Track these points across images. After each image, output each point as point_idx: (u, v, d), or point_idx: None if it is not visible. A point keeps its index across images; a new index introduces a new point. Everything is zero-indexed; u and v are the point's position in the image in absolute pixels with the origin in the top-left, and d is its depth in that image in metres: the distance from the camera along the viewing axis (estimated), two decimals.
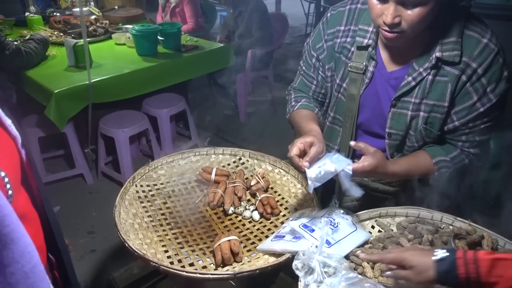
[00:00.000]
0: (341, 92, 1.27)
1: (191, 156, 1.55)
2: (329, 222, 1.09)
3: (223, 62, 3.10)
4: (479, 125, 1.11)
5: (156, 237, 1.19)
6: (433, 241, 1.01)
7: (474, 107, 1.09)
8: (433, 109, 1.13)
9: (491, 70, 1.05)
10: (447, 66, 1.08)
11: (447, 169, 1.15)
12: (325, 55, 1.28)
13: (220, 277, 0.99)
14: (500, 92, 1.07)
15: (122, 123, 2.67)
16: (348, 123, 1.27)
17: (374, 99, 1.21)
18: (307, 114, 1.31)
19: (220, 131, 3.49)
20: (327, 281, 0.83)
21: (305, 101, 1.36)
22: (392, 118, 1.19)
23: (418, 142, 1.19)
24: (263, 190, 1.37)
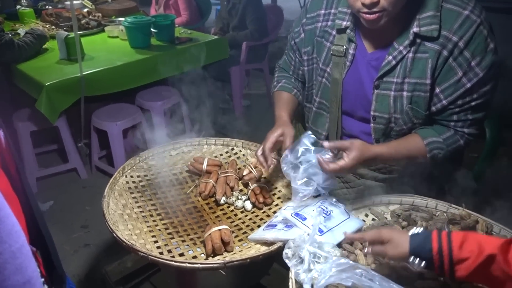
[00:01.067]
0: (325, 77, 1.25)
1: (183, 147, 1.52)
2: (322, 210, 1.07)
3: (217, 54, 3.07)
4: (469, 102, 1.07)
5: (146, 227, 1.16)
6: (427, 228, 0.99)
7: (460, 83, 1.05)
8: (416, 88, 1.10)
9: (474, 43, 1.01)
10: (427, 42, 1.05)
11: (440, 150, 1.11)
12: (301, 39, 1.29)
13: (210, 267, 0.97)
14: (487, 65, 1.02)
15: (115, 116, 2.64)
16: (334, 108, 1.25)
17: (357, 82, 1.19)
18: (283, 97, 1.36)
19: (215, 124, 3.46)
20: (318, 267, 0.81)
21: (285, 82, 1.39)
22: (376, 100, 1.15)
23: (407, 124, 1.15)
24: (255, 179, 1.35)
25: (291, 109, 1.31)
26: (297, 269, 0.87)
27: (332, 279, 0.75)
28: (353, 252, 0.95)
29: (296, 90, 1.38)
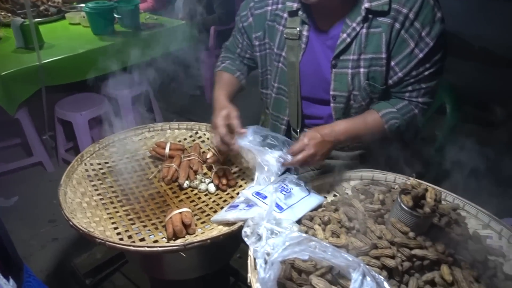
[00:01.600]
0: (281, 61, 1.23)
1: (145, 132, 1.49)
2: (282, 188, 1.07)
3: (185, 40, 3.00)
4: (422, 72, 1.09)
5: (106, 214, 1.14)
6: (384, 200, 1.01)
7: (413, 54, 1.07)
8: (372, 63, 1.11)
9: (422, 13, 1.03)
10: (379, 16, 1.06)
11: (396, 120, 1.13)
12: (250, 24, 1.27)
13: (169, 249, 0.95)
14: (435, 34, 1.05)
15: (80, 106, 2.55)
16: (293, 92, 1.24)
17: (314, 64, 1.18)
18: (224, 78, 1.34)
19: (186, 112, 3.41)
20: (270, 241, 0.81)
21: (229, 64, 1.37)
22: (334, 79, 1.16)
23: (365, 100, 1.17)
24: (219, 162, 1.33)
25: (231, 90, 1.29)
26: (255, 247, 0.86)
27: (286, 252, 0.75)
28: (311, 227, 0.96)
29: (240, 73, 1.36)
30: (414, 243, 0.83)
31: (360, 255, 0.85)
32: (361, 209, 0.98)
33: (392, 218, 0.89)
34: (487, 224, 1.02)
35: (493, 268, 0.89)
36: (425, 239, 0.85)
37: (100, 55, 2.51)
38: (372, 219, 0.94)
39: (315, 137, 1.06)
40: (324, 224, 0.96)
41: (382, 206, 0.98)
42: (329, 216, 0.96)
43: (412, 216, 0.84)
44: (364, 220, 0.93)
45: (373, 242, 0.85)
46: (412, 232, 0.85)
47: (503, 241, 0.98)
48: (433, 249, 0.84)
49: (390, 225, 0.89)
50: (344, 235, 0.91)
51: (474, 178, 1.38)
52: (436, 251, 0.83)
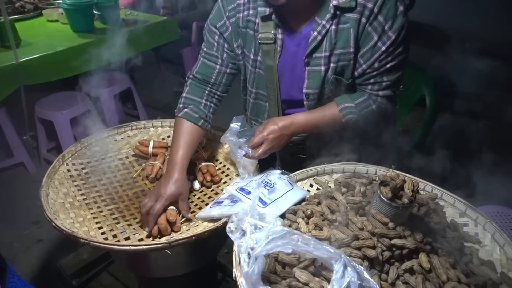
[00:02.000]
0: (258, 66, 1.23)
1: (128, 131, 1.48)
2: (266, 183, 1.08)
3: (167, 36, 2.97)
4: (384, 65, 1.12)
5: (89, 214, 1.13)
6: (365, 192, 1.04)
7: (376, 47, 1.10)
8: (340, 58, 1.14)
9: (386, 7, 1.06)
10: (347, 12, 1.09)
11: (353, 115, 1.16)
12: (230, 33, 1.21)
13: (154, 247, 0.96)
14: (397, 27, 1.07)
15: (61, 105, 2.51)
16: (272, 95, 1.24)
17: (290, 65, 1.19)
18: (185, 130, 1.21)
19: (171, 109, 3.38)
20: (253, 236, 0.82)
21: (191, 109, 1.23)
22: (308, 77, 1.18)
23: (332, 93, 1.20)
24: (204, 159, 1.34)
25: (190, 149, 1.19)
26: (240, 242, 0.88)
27: (269, 246, 0.77)
28: (295, 221, 0.97)
29: (203, 120, 1.23)
30: (394, 233, 0.85)
31: (342, 246, 0.87)
32: (343, 201, 1.00)
33: (373, 210, 0.91)
34: (463, 212, 1.05)
35: (469, 254, 0.92)
36: (404, 229, 0.88)
37: (80, 52, 2.46)
38: (354, 211, 0.97)
39: (274, 131, 1.12)
40: (307, 218, 0.98)
41: (363, 198, 1.00)
42: (312, 209, 0.98)
43: (391, 207, 0.86)
44: (346, 212, 0.96)
45: (354, 233, 0.87)
46: (391, 222, 0.88)
47: (479, 228, 1.02)
48: (412, 239, 0.86)
49: (371, 216, 0.91)
50: (326, 227, 0.93)
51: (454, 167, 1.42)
52: (415, 240, 0.86)
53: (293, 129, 1.15)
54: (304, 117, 1.16)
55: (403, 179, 0.86)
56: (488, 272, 0.87)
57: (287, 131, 1.13)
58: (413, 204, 0.87)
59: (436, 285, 0.81)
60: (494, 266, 0.91)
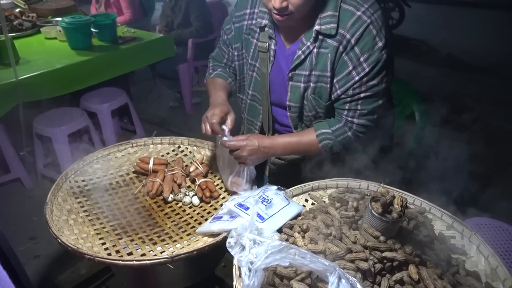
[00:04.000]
0: (255, 71, 1.35)
1: (128, 148, 1.52)
2: (263, 199, 1.13)
3: (163, 52, 3.04)
4: (358, 93, 1.19)
5: (93, 230, 1.17)
6: (357, 207, 1.09)
7: (350, 76, 1.17)
8: (319, 80, 1.22)
9: (363, 41, 1.13)
10: (328, 38, 1.17)
11: (329, 141, 1.24)
12: (232, 36, 1.37)
13: (157, 262, 1.00)
14: (373, 61, 1.14)
15: (59, 121, 2.54)
16: (264, 100, 1.36)
17: (279, 75, 1.30)
18: (219, 82, 1.42)
19: (166, 124, 3.44)
20: (253, 251, 0.87)
21: (221, 71, 1.46)
22: (290, 91, 1.28)
23: (311, 112, 1.29)
24: (202, 175, 1.39)
25: (227, 93, 1.39)
26: (240, 256, 0.92)
27: (268, 260, 0.81)
28: (292, 235, 1.02)
29: (231, 80, 1.47)
30: (385, 246, 0.91)
31: (337, 259, 0.92)
32: (337, 216, 1.05)
33: (365, 224, 0.96)
34: (450, 225, 1.11)
35: (455, 266, 0.98)
36: (395, 242, 0.94)
37: (78, 70, 2.52)
38: (347, 225, 1.02)
39: (253, 145, 1.20)
40: (303, 232, 1.03)
41: (356, 213, 1.06)
42: (307, 224, 1.03)
43: (381, 221, 0.92)
44: (340, 226, 1.01)
45: (348, 247, 0.93)
46: (382, 236, 0.93)
47: (465, 240, 1.07)
48: (402, 251, 0.92)
49: (363, 230, 0.96)
50: (322, 241, 0.98)
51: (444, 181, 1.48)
52: (405, 252, 0.91)
53: (273, 150, 1.24)
54: (283, 141, 1.25)
55: (393, 195, 0.92)
56: (473, 283, 0.93)
57: (266, 149, 1.22)
58: (402, 219, 0.93)
59: None
60: (479, 277, 0.97)
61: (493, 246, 1.02)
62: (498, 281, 0.95)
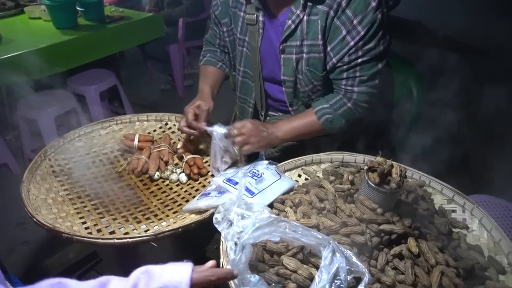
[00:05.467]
0: (245, 46, 1.28)
1: (113, 125, 1.45)
2: (253, 173, 1.07)
3: (153, 32, 2.93)
4: (355, 59, 1.11)
5: (73, 209, 1.10)
6: (353, 180, 1.03)
7: (345, 41, 1.09)
8: (311, 49, 1.14)
9: (355, 2, 1.05)
10: (317, 4, 1.09)
11: (329, 115, 1.17)
12: (220, 11, 1.30)
13: (140, 240, 0.93)
14: (367, 22, 1.06)
15: (44, 103, 2.45)
16: (256, 76, 1.29)
17: (270, 48, 1.22)
18: (207, 71, 1.39)
19: (158, 107, 3.35)
20: (240, 223, 0.81)
21: (210, 56, 1.42)
22: (283, 64, 1.21)
23: (308, 86, 1.21)
24: (190, 152, 1.32)
25: (214, 81, 1.35)
26: (227, 232, 0.86)
27: (256, 233, 0.75)
28: (283, 210, 0.96)
29: (222, 63, 1.41)
30: (382, 219, 0.85)
31: (331, 234, 0.86)
32: (331, 190, 0.99)
33: (361, 196, 0.90)
34: (451, 199, 1.06)
35: (457, 239, 0.93)
36: (393, 214, 0.88)
37: (63, 50, 2.41)
38: (342, 199, 0.96)
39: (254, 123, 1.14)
40: (295, 206, 0.97)
41: (351, 186, 1.00)
42: (300, 198, 0.97)
43: (379, 192, 0.86)
44: (334, 200, 0.95)
45: (343, 220, 0.87)
46: (380, 208, 0.87)
47: (467, 214, 1.02)
48: (400, 224, 0.86)
49: (359, 203, 0.90)
50: (315, 215, 0.92)
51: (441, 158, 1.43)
52: (403, 225, 0.86)
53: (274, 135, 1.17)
54: (285, 126, 1.19)
55: (391, 164, 0.85)
56: (476, 256, 0.88)
57: (267, 131, 1.16)
58: (401, 189, 0.87)
59: (425, 269, 0.80)
60: (481, 250, 0.92)
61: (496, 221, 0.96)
62: (502, 254, 0.90)
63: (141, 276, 0.63)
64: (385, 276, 0.79)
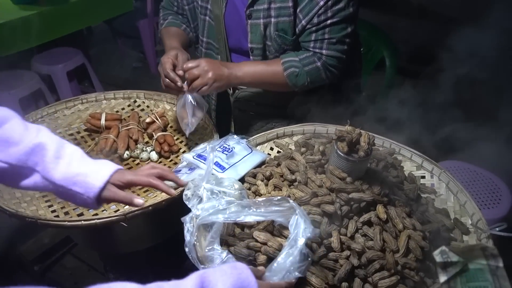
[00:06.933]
0: (208, 14, 1.21)
1: (78, 105, 1.39)
2: (224, 148, 1.05)
3: (120, 7, 2.79)
4: (324, 21, 1.08)
5: (38, 193, 1.06)
6: (324, 151, 1.03)
7: (314, 1, 1.06)
8: (281, 13, 1.10)
9: None
10: None
11: (296, 69, 1.13)
12: None
13: (108, 221, 0.91)
14: None
15: (7, 85, 2.32)
16: (221, 46, 1.22)
17: (236, 16, 1.16)
18: (173, 31, 1.28)
19: (131, 85, 3.24)
20: (199, 206, 0.80)
21: (172, 18, 1.32)
22: (250, 31, 1.15)
23: (278, 52, 1.17)
24: (161, 129, 1.28)
25: (182, 40, 1.25)
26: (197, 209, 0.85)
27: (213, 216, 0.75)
28: (254, 184, 0.95)
29: (185, 26, 1.32)
30: (351, 188, 0.85)
31: (302, 204, 0.86)
32: (302, 161, 0.99)
33: (331, 166, 0.90)
34: (420, 165, 1.07)
35: (425, 204, 0.95)
36: (362, 182, 0.88)
37: (22, 26, 2.27)
38: (313, 170, 0.96)
39: (213, 61, 1.08)
40: (266, 179, 0.96)
41: (322, 157, 0.99)
42: (271, 171, 0.96)
43: (348, 161, 0.86)
44: (305, 171, 0.94)
45: (313, 191, 0.87)
46: (349, 177, 0.87)
47: (435, 179, 1.04)
48: (370, 192, 0.86)
49: (329, 172, 0.90)
50: (286, 187, 0.91)
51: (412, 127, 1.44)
52: (372, 193, 0.86)
53: (233, 75, 1.10)
54: (247, 66, 1.13)
55: (359, 132, 0.85)
56: (442, 219, 0.90)
57: (226, 69, 1.09)
58: (369, 157, 0.87)
59: (392, 235, 0.82)
60: (448, 213, 0.94)
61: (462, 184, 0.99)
62: (467, 216, 0.93)
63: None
64: (354, 243, 0.81)
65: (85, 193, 0.71)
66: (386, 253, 0.78)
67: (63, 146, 0.73)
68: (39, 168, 0.69)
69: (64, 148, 0.73)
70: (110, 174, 0.73)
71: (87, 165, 0.73)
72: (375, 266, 0.77)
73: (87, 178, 0.71)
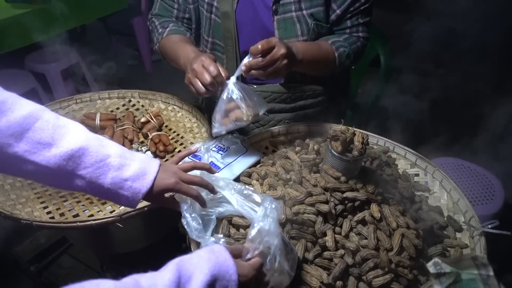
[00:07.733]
0: (214, 12, 1.13)
1: (72, 105, 1.38)
2: (219, 148, 1.05)
3: (114, 4, 2.78)
4: (358, 7, 1.10)
5: (33, 195, 1.06)
6: (318, 150, 1.03)
7: None
8: (313, 4, 1.08)
9: None
10: None
11: (345, 48, 1.12)
12: None
13: (104, 222, 0.91)
14: None
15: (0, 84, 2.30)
16: (229, 46, 1.14)
17: (250, 11, 1.10)
18: (181, 38, 1.15)
19: (125, 83, 3.23)
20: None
21: (174, 26, 1.20)
22: (278, 27, 1.09)
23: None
24: (156, 129, 1.28)
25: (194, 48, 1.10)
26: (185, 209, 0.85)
27: None
28: (249, 183, 0.96)
29: (190, 34, 1.22)
30: (346, 187, 0.86)
31: (297, 204, 0.86)
32: (297, 160, 0.99)
33: (325, 165, 0.91)
34: (414, 163, 1.08)
35: (418, 202, 0.96)
36: (356, 181, 0.89)
37: (16, 25, 2.25)
38: (308, 169, 0.96)
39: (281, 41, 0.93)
40: (261, 179, 0.96)
41: (317, 156, 1.00)
42: (266, 170, 0.97)
43: (342, 160, 0.86)
44: (300, 170, 0.95)
45: (308, 190, 0.87)
46: (343, 176, 0.88)
47: (428, 177, 1.05)
48: (364, 191, 0.87)
49: (324, 172, 0.91)
50: (281, 187, 0.92)
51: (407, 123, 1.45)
52: (366, 192, 0.87)
53: (296, 52, 0.98)
54: (303, 44, 1.05)
55: (353, 132, 0.85)
56: (436, 217, 0.91)
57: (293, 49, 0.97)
58: (363, 156, 0.87)
59: (386, 233, 0.83)
60: (441, 211, 0.95)
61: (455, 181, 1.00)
62: (460, 213, 0.94)
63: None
64: (349, 242, 0.81)
65: (131, 196, 0.72)
66: (380, 252, 0.79)
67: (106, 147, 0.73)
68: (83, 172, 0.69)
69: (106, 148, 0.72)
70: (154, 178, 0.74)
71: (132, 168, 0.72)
72: (369, 265, 0.78)
73: (134, 184, 0.71)
